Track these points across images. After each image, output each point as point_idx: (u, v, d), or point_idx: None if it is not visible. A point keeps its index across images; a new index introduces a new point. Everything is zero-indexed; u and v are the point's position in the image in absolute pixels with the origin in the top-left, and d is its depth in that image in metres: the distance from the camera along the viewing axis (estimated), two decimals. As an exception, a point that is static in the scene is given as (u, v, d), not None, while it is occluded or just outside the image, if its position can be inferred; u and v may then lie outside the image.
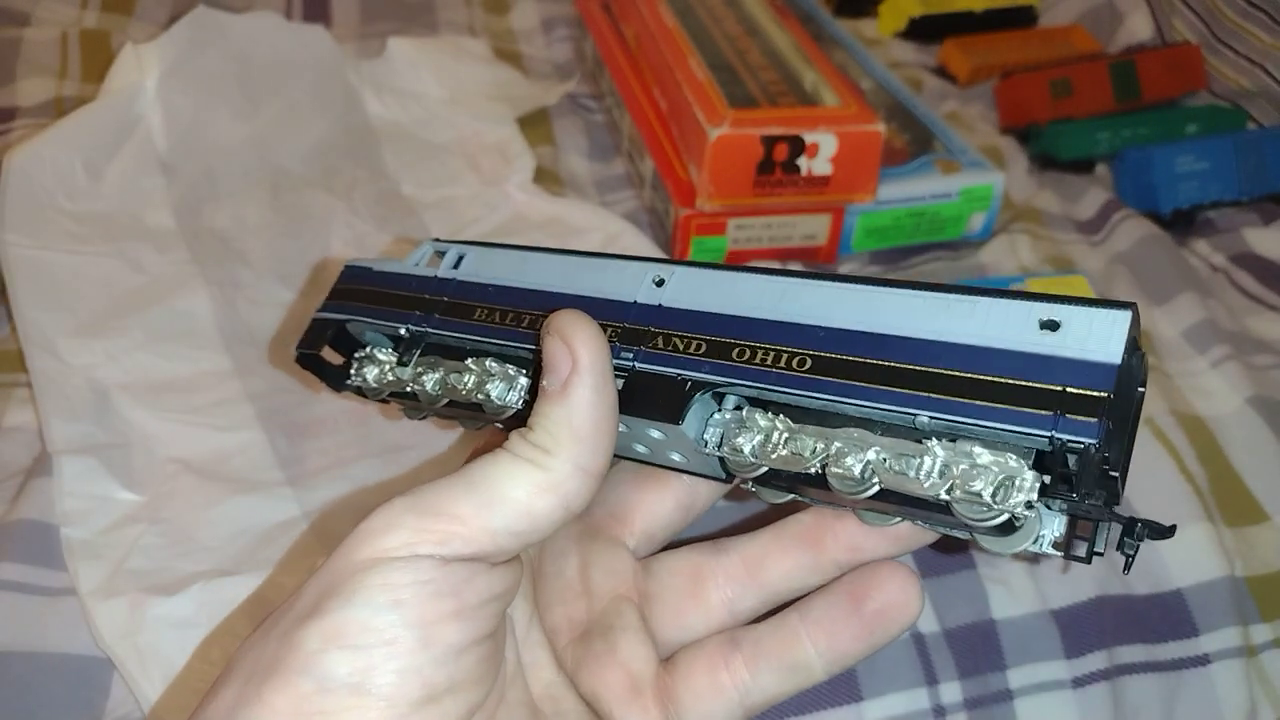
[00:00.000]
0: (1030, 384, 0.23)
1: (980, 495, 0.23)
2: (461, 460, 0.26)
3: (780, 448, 0.26)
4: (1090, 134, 0.65)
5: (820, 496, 0.28)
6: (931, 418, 0.24)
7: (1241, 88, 0.69)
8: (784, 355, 0.26)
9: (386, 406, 0.36)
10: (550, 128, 0.66)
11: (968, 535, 0.26)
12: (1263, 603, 0.41)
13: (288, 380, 0.48)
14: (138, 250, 0.52)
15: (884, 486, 0.24)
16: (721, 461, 0.27)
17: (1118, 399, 0.22)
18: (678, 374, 0.27)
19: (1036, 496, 0.23)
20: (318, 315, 0.35)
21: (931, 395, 0.24)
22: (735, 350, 0.27)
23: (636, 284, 0.29)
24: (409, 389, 0.32)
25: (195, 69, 0.59)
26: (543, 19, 0.78)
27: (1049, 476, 0.23)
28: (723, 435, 0.27)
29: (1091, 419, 0.22)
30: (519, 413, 0.29)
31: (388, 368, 0.33)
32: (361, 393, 0.34)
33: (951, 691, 0.38)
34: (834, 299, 0.26)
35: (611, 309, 0.29)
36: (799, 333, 0.26)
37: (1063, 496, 0.23)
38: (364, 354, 0.34)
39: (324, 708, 0.22)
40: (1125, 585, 0.41)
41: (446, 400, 0.31)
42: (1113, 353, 0.22)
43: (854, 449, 0.25)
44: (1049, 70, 0.68)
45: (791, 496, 0.28)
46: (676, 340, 0.28)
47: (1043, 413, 0.22)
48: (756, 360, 0.26)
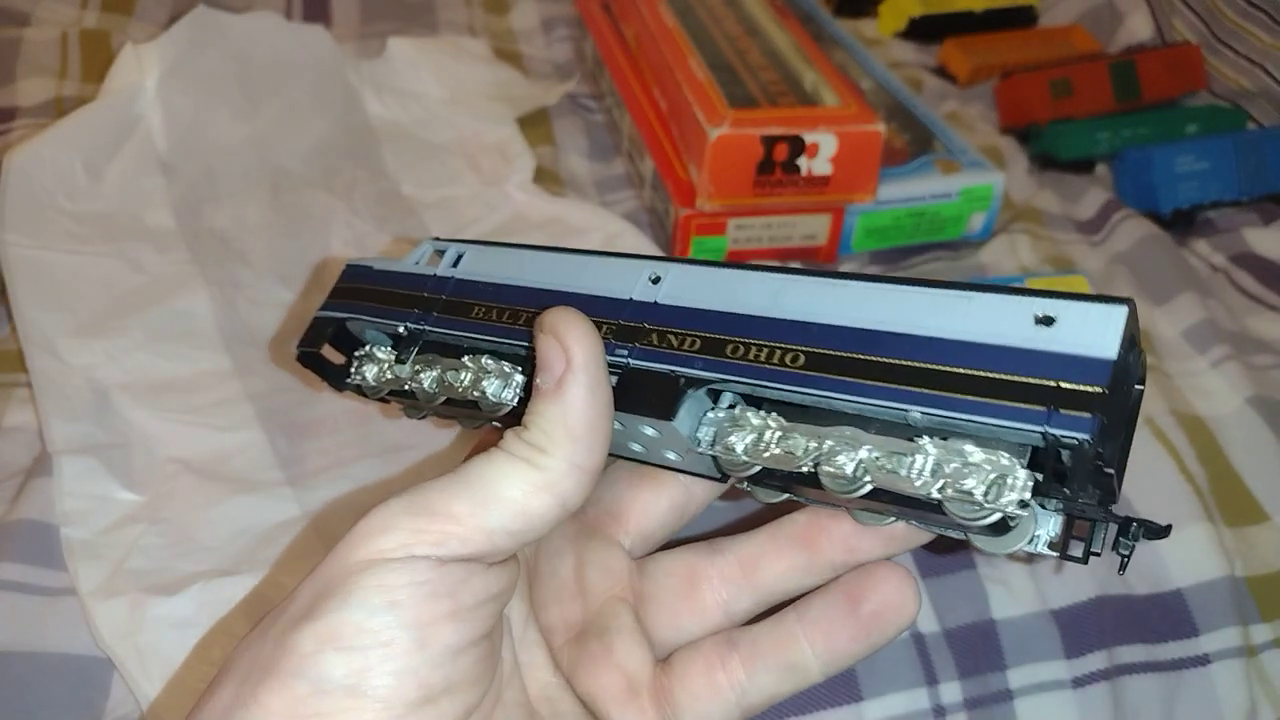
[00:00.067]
0: (1024, 379, 0.23)
1: (972, 494, 0.23)
2: (460, 459, 0.26)
3: (773, 446, 0.26)
4: (1090, 134, 0.64)
5: (814, 496, 0.28)
6: (923, 413, 0.23)
7: (1241, 88, 0.69)
8: (778, 351, 0.26)
9: (387, 406, 0.36)
10: (550, 128, 0.66)
11: (962, 535, 0.26)
12: (1263, 603, 0.41)
13: (288, 380, 0.48)
14: (138, 250, 0.52)
15: (876, 485, 0.24)
16: (715, 460, 0.27)
17: (1113, 395, 0.22)
18: (671, 370, 0.27)
19: (1029, 495, 0.22)
20: (319, 314, 0.35)
21: (924, 391, 0.24)
22: (729, 347, 0.27)
23: (633, 281, 0.29)
24: (407, 387, 0.32)
25: (195, 69, 0.59)
26: (543, 19, 0.78)
27: (1042, 474, 0.22)
28: (716, 434, 0.27)
29: (1085, 414, 0.21)
30: (515, 410, 0.29)
31: (386, 366, 0.33)
32: (361, 391, 0.34)
33: (951, 691, 0.38)
34: (829, 296, 0.26)
35: (607, 306, 0.29)
36: (793, 329, 0.26)
37: (1056, 495, 0.23)
38: (364, 352, 0.34)
39: (320, 709, 0.22)
40: (1125, 585, 0.41)
41: (444, 398, 0.31)
42: (1108, 348, 0.22)
43: (846, 447, 0.25)
44: (1049, 70, 0.68)
45: (787, 496, 0.28)
46: (671, 337, 0.28)
47: (1036, 408, 0.22)
48: (750, 356, 0.26)
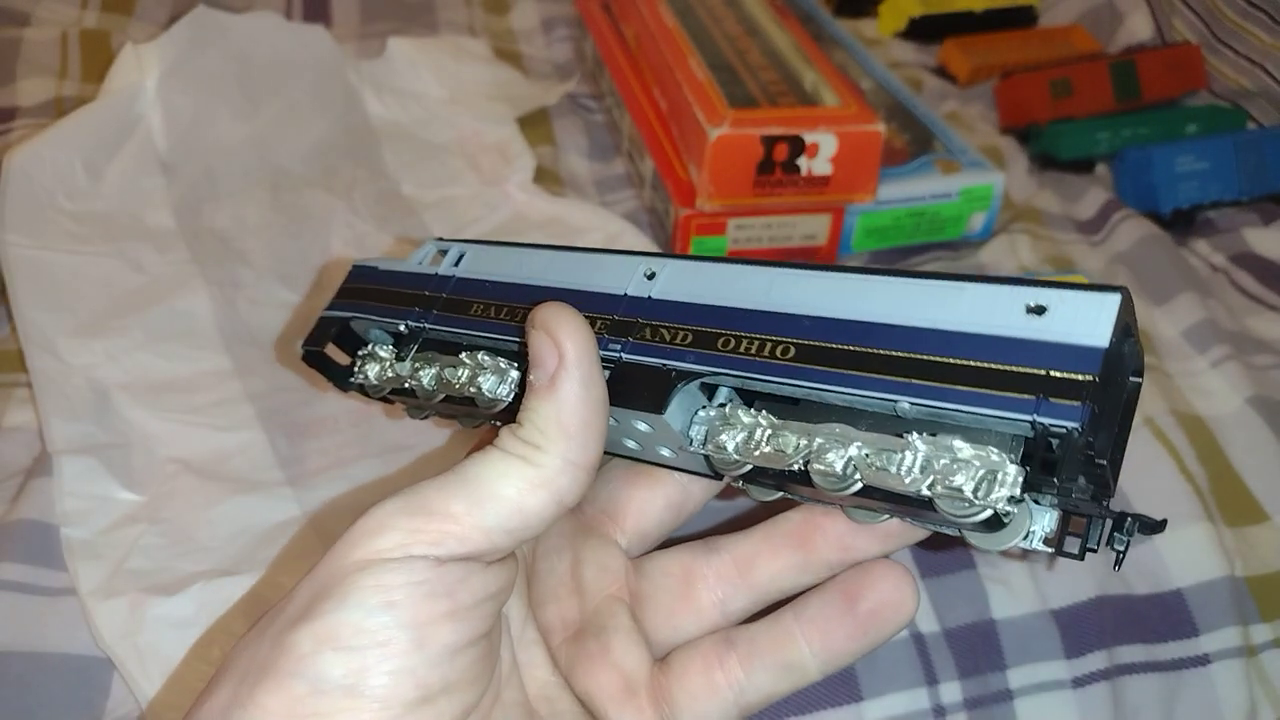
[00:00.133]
0: (1014, 368, 0.22)
1: (961, 490, 0.22)
2: (457, 457, 0.26)
3: (763, 445, 0.26)
4: (1090, 134, 0.64)
5: (808, 494, 0.28)
6: (912, 403, 0.23)
7: (1241, 88, 0.69)
8: (768, 344, 0.26)
9: (390, 405, 0.36)
10: (550, 128, 0.66)
11: (955, 532, 0.26)
12: (1263, 603, 0.41)
13: (288, 380, 0.48)
14: (138, 250, 0.52)
15: (866, 483, 0.24)
16: (707, 459, 0.27)
17: (1105, 384, 0.22)
18: (662, 364, 0.27)
19: (1020, 491, 0.22)
20: (324, 314, 0.35)
21: (913, 381, 0.23)
22: (721, 340, 0.27)
23: (628, 277, 0.29)
24: (407, 385, 0.32)
25: (195, 69, 0.59)
26: (543, 19, 0.78)
27: (1031, 465, 0.22)
28: (707, 433, 0.27)
29: (1075, 403, 0.21)
30: (511, 406, 0.29)
31: (387, 364, 0.33)
32: (365, 391, 0.34)
33: (951, 691, 0.38)
34: (822, 288, 0.26)
35: (602, 302, 0.29)
36: (785, 322, 0.26)
37: (1046, 487, 0.22)
38: (367, 351, 0.34)
39: (318, 709, 0.22)
40: (1125, 585, 0.41)
41: (442, 395, 0.31)
42: (1100, 336, 0.22)
43: (836, 445, 0.25)
44: (1049, 70, 0.68)
45: (781, 494, 0.28)
46: (664, 331, 0.28)
47: (1025, 397, 0.22)
48: (741, 350, 0.26)
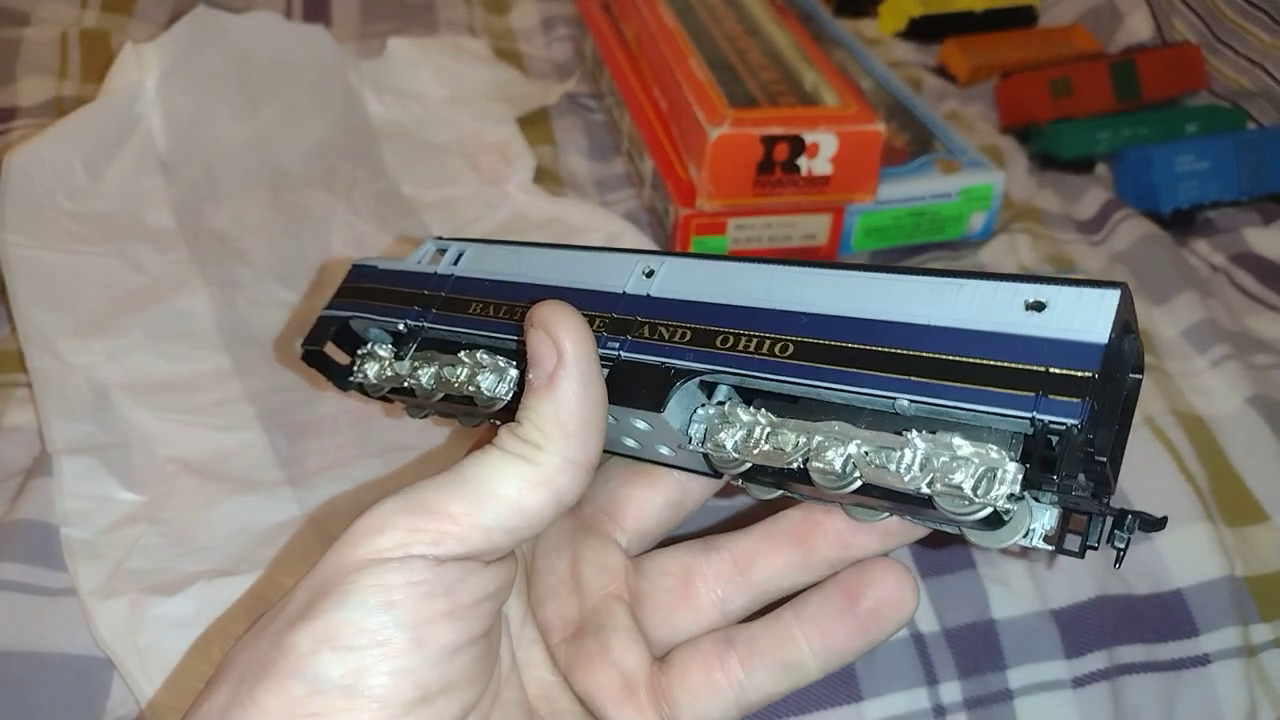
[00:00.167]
0: (1013, 365, 0.22)
1: (961, 488, 0.22)
2: (455, 457, 0.26)
3: (762, 443, 0.26)
4: (1090, 134, 0.64)
5: (807, 492, 0.28)
6: (911, 401, 0.23)
7: (1241, 88, 0.69)
8: (767, 342, 0.26)
9: (389, 405, 0.36)
10: (550, 127, 0.66)
11: (956, 530, 0.25)
12: (1263, 603, 0.41)
13: (288, 380, 0.48)
14: (138, 250, 0.52)
15: (865, 481, 0.24)
16: (706, 458, 0.27)
17: (1104, 381, 0.22)
18: (661, 362, 0.27)
19: (1019, 489, 0.22)
20: (323, 313, 0.35)
21: (911, 378, 0.23)
22: (719, 338, 0.27)
23: (626, 275, 0.29)
24: (406, 384, 0.32)
25: (195, 69, 0.59)
26: (543, 19, 0.78)
27: (1031, 462, 0.22)
28: (706, 431, 0.27)
29: (1074, 399, 0.21)
30: (510, 405, 0.29)
31: (386, 363, 0.33)
32: (364, 390, 0.34)
33: (951, 691, 0.38)
34: (821, 286, 0.26)
35: (600, 300, 0.29)
36: (784, 319, 0.26)
37: (1046, 484, 0.22)
38: (366, 351, 0.34)
39: (317, 709, 0.22)
40: (1125, 585, 0.41)
41: (441, 394, 0.31)
42: (1099, 332, 0.22)
43: (835, 443, 0.24)
44: (1049, 70, 0.68)
45: (781, 492, 0.28)
46: (662, 329, 0.28)
47: (1024, 394, 0.22)
48: (740, 347, 0.26)
